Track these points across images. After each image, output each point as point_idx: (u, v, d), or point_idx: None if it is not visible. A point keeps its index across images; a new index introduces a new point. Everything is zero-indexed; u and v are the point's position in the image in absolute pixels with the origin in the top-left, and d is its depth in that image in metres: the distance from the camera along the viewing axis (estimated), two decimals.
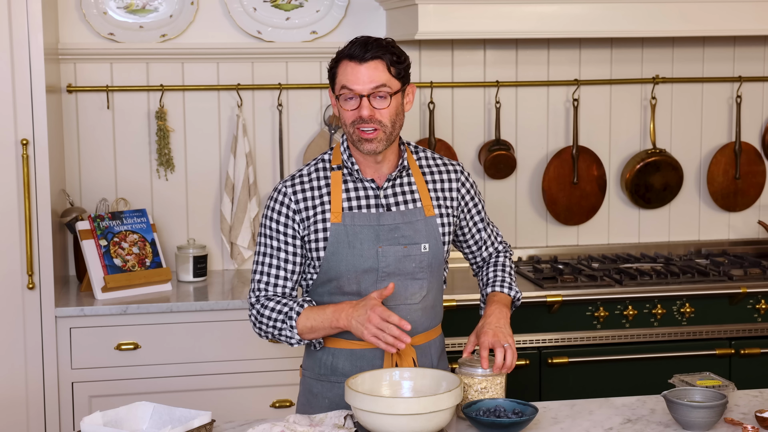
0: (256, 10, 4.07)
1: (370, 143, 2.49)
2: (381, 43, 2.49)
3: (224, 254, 4.15)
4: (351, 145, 2.58)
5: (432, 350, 2.65)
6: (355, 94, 2.47)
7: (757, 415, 2.40)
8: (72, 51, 3.94)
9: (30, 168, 3.49)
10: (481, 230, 2.78)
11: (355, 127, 2.49)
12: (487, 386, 2.50)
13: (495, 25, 3.80)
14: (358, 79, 2.47)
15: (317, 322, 2.51)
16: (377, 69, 2.47)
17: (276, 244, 2.58)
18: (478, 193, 2.75)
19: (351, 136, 2.52)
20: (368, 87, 2.47)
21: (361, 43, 2.48)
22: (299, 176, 2.60)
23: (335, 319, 2.49)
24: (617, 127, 4.38)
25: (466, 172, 2.72)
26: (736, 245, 4.45)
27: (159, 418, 2.35)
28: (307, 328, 2.52)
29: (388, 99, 2.49)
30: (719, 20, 3.91)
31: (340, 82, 2.50)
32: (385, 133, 2.50)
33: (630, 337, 3.79)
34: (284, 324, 2.54)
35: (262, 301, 2.58)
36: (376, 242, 2.54)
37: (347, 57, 2.49)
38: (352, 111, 2.49)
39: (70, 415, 3.56)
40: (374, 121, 2.48)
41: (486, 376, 2.49)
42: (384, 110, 2.49)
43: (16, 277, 3.51)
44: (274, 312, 2.55)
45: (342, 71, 2.49)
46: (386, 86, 2.48)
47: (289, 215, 2.57)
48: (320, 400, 2.61)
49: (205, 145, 4.10)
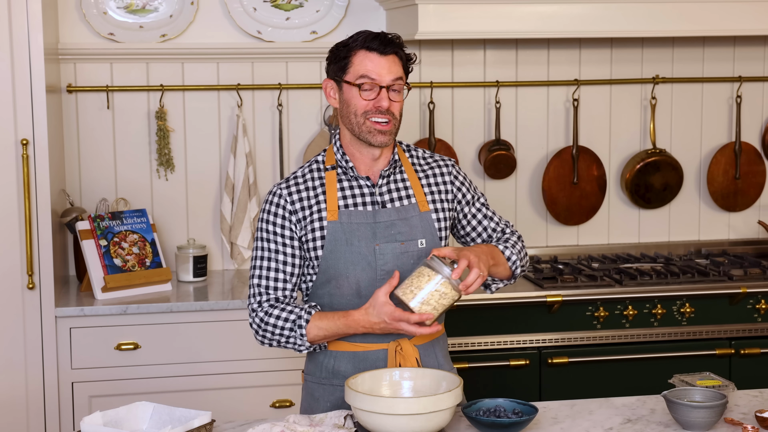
0: (256, 10, 4.07)
1: (383, 135, 2.52)
2: (395, 39, 2.54)
3: (224, 254, 4.15)
4: (349, 141, 2.58)
5: (436, 349, 2.64)
6: (375, 84, 2.50)
7: (757, 415, 2.40)
8: (72, 51, 3.94)
9: (30, 168, 3.49)
10: (486, 218, 2.71)
11: (367, 118, 2.51)
12: (446, 292, 2.42)
13: (495, 25, 3.80)
14: (381, 69, 2.50)
15: (330, 331, 2.51)
16: (396, 63, 2.53)
17: (273, 247, 2.57)
18: (473, 185, 2.73)
19: (360, 127, 2.52)
20: (389, 78, 2.51)
21: (379, 36, 2.52)
22: (293, 178, 2.61)
23: (350, 328, 2.49)
24: (617, 127, 4.38)
25: (457, 167, 2.72)
26: (736, 245, 4.45)
27: (159, 418, 2.35)
28: (320, 337, 2.53)
29: (402, 92, 2.54)
30: (719, 20, 3.91)
31: (357, 72, 2.51)
32: (395, 126, 2.54)
33: (630, 337, 3.79)
34: (292, 332, 2.52)
35: (265, 308, 2.56)
36: (373, 239, 2.54)
37: (365, 48, 2.51)
38: (368, 101, 2.51)
39: (70, 415, 3.56)
40: (389, 112, 2.51)
41: (448, 285, 2.40)
42: (398, 103, 2.53)
43: (16, 277, 3.51)
44: (280, 320, 2.53)
45: (360, 61, 2.51)
46: (402, 79, 2.54)
47: (285, 216, 2.57)
48: (322, 404, 2.60)
49: (205, 145, 4.10)
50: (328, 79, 2.59)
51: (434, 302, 2.41)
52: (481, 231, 2.72)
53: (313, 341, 2.53)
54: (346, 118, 2.55)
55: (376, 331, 2.48)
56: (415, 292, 2.41)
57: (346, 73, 2.53)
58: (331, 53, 2.57)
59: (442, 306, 2.42)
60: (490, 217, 2.73)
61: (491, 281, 2.68)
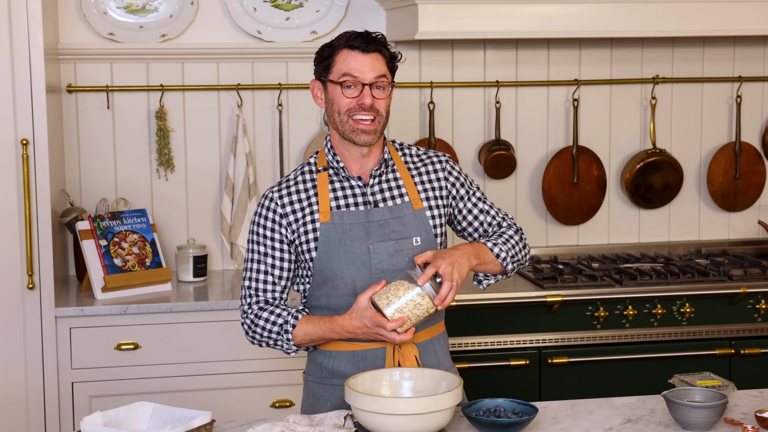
0: (256, 10, 4.07)
1: (366, 135, 2.52)
2: (377, 37, 2.55)
3: (224, 254, 4.15)
4: (338, 141, 2.59)
5: (436, 347, 2.64)
6: (358, 82, 2.51)
7: (757, 415, 2.40)
8: (72, 51, 3.94)
9: (30, 168, 3.49)
10: (482, 213, 2.69)
11: (350, 116, 2.52)
12: (420, 303, 2.43)
13: (495, 25, 3.80)
14: (363, 67, 2.51)
15: (316, 336, 2.54)
16: (378, 60, 2.53)
17: (263, 250, 2.59)
18: (469, 179, 2.72)
19: (343, 125, 2.53)
20: (371, 76, 2.51)
21: (362, 35, 2.53)
22: (285, 181, 2.63)
23: (335, 333, 2.51)
24: (617, 127, 4.38)
25: (452, 162, 2.71)
26: (736, 245, 4.45)
27: (159, 418, 2.35)
28: (306, 341, 2.56)
29: (387, 89, 2.54)
30: (719, 20, 3.91)
31: (340, 70, 2.52)
32: (380, 124, 2.54)
33: (630, 337, 3.79)
34: (279, 336, 2.56)
35: (255, 310, 2.59)
36: (367, 239, 2.55)
37: (348, 47, 2.52)
38: (351, 99, 2.52)
39: (70, 415, 3.56)
40: (373, 110, 2.52)
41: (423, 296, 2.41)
42: (382, 100, 2.54)
43: (16, 277, 3.51)
44: (269, 323, 2.57)
45: (342, 60, 2.52)
46: (386, 77, 2.54)
47: (276, 220, 2.58)
48: (323, 404, 2.61)
49: (205, 145, 4.10)
50: (314, 80, 2.61)
51: (408, 311, 2.43)
52: (478, 226, 2.70)
53: (300, 345, 2.57)
54: (332, 117, 2.56)
55: (359, 336, 2.50)
56: (392, 300, 2.43)
57: (330, 73, 2.54)
58: (316, 54, 2.59)
59: (416, 316, 2.45)
60: (486, 211, 2.71)
61: (483, 277, 2.67)
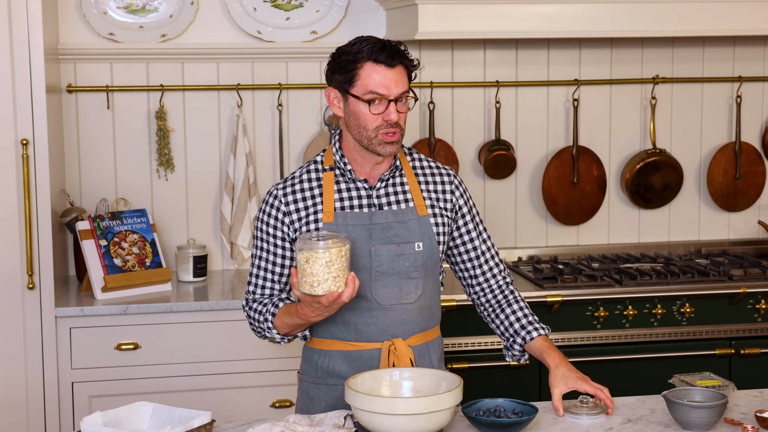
0: (256, 10, 4.07)
1: (392, 146, 2.51)
2: (400, 48, 2.50)
3: (224, 254, 4.15)
4: (354, 148, 2.56)
5: (431, 351, 2.64)
6: (384, 98, 2.47)
7: (757, 415, 2.40)
8: (72, 51, 3.94)
9: (30, 168, 3.49)
10: (477, 238, 2.71)
11: (379, 132, 2.49)
12: (327, 258, 2.31)
13: (495, 25, 3.80)
14: (389, 83, 2.47)
15: (292, 325, 2.53)
16: (402, 74, 2.50)
17: (265, 246, 2.61)
18: (471, 200, 2.73)
19: (371, 141, 2.50)
20: (397, 92, 2.48)
21: (385, 47, 2.47)
22: (291, 179, 2.62)
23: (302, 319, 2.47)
24: (617, 127, 4.38)
25: (459, 178, 2.72)
26: (736, 245, 4.45)
27: (159, 418, 2.35)
28: (286, 331, 2.57)
29: (408, 102, 2.53)
30: (719, 20, 3.91)
31: (366, 86, 2.47)
32: (402, 136, 2.53)
33: (630, 337, 3.79)
34: (266, 326, 2.59)
35: (251, 303, 2.64)
36: (369, 241, 2.55)
37: (372, 60, 2.46)
38: (377, 115, 2.48)
39: (70, 415, 3.56)
40: (396, 124, 2.50)
41: (322, 252, 2.31)
42: (403, 114, 2.52)
43: (16, 277, 3.51)
44: (257, 313, 2.61)
45: (367, 75, 2.47)
46: (408, 91, 2.52)
47: (278, 217, 2.58)
48: (317, 404, 2.61)
49: (205, 145, 4.10)
50: (331, 88, 2.55)
51: (326, 274, 2.32)
52: (470, 249, 2.71)
53: (283, 334, 2.58)
54: (355, 130, 2.52)
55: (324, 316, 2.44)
56: (310, 281, 2.32)
57: (353, 86, 2.48)
58: (334, 61, 2.52)
59: (335, 270, 2.33)
60: (481, 238, 2.71)
61: (519, 353, 2.77)
